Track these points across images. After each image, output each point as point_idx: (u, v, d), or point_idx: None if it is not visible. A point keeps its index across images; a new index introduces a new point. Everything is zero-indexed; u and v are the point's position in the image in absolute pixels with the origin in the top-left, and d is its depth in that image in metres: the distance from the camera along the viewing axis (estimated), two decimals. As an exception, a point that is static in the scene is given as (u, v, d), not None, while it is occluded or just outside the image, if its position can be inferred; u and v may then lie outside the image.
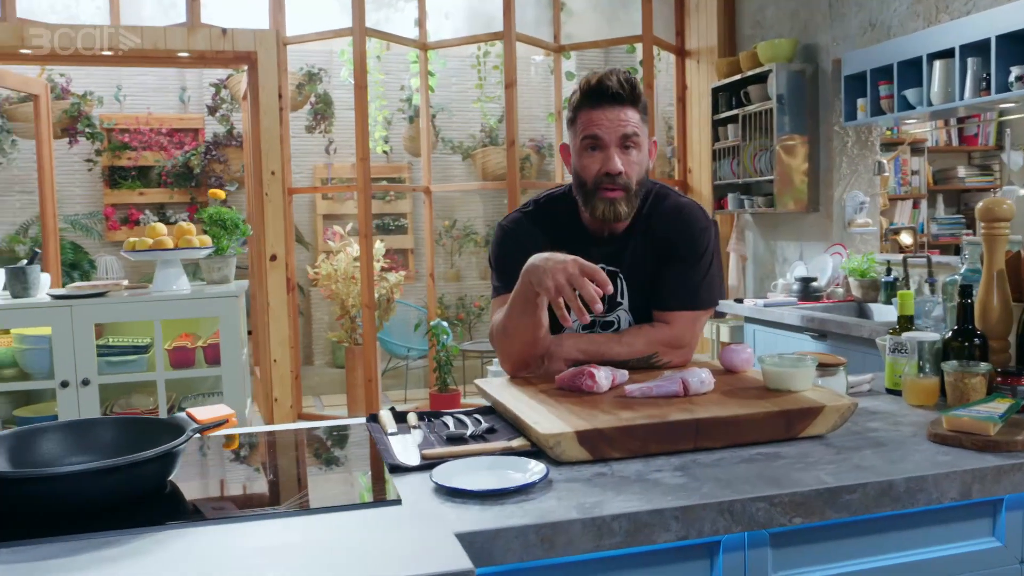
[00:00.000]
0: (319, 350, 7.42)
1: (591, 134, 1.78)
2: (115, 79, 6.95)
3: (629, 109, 1.78)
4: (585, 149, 1.80)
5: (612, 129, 1.77)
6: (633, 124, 1.78)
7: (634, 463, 1.36)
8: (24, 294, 3.18)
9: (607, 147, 1.78)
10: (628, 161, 1.79)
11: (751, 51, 4.65)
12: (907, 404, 1.70)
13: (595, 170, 1.79)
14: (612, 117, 1.76)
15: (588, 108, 1.78)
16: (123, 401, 3.37)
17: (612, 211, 1.79)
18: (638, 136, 1.79)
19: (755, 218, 5.06)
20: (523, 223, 1.92)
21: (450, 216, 7.61)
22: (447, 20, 5.33)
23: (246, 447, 1.60)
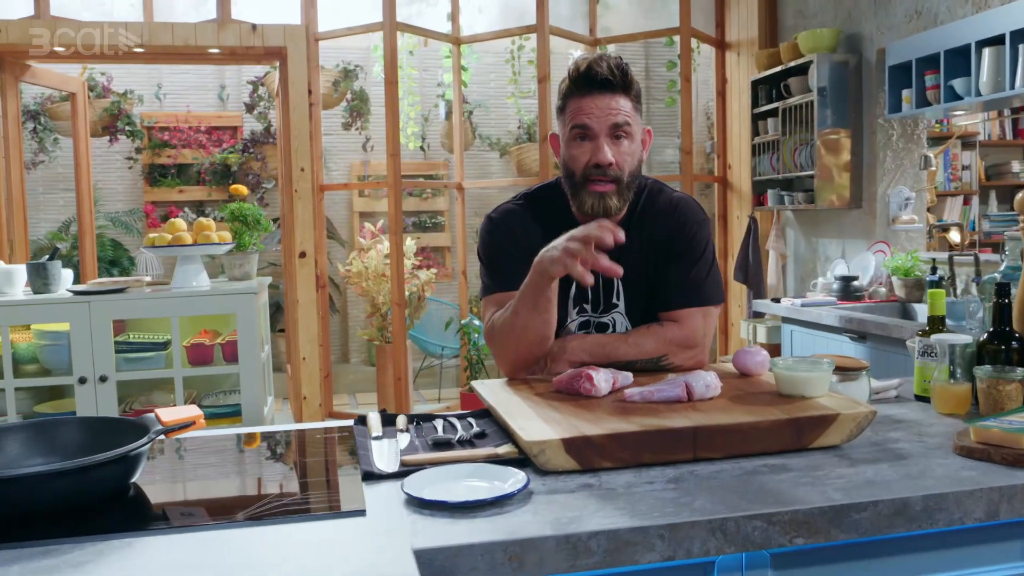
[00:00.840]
0: (355, 348, 7.39)
1: (580, 123, 1.68)
2: (155, 77, 7.00)
3: (620, 97, 1.68)
4: (574, 139, 1.70)
5: (602, 118, 1.66)
6: (624, 112, 1.68)
7: (625, 474, 1.25)
8: (45, 290, 3.17)
9: (596, 137, 1.67)
10: (619, 152, 1.69)
11: (792, 42, 4.48)
12: (936, 413, 1.57)
13: (584, 161, 1.69)
14: (602, 105, 1.66)
15: (577, 96, 1.68)
16: (143, 398, 3.34)
17: (602, 205, 1.69)
18: (630, 125, 1.69)
19: (796, 215, 4.89)
20: (514, 215, 1.82)
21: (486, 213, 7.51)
22: (480, 14, 5.25)
23: (220, 450, 1.53)
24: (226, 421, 3.24)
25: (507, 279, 1.72)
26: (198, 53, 4.63)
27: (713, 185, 5.79)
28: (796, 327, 3.88)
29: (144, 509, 1.21)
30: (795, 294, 4.76)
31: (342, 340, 7.39)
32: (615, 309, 1.78)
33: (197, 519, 1.15)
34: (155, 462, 1.44)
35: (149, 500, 1.24)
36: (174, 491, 1.33)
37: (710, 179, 5.69)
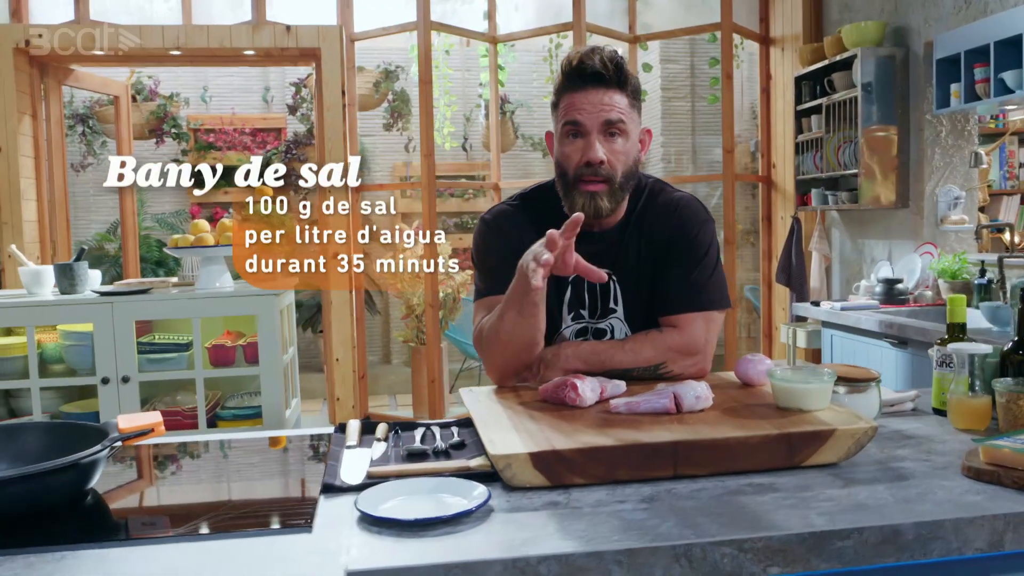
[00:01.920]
0: (396, 349, 7.39)
1: (571, 119, 1.60)
2: (202, 80, 7.09)
3: (615, 92, 1.59)
4: (566, 136, 1.62)
5: (594, 114, 1.58)
6: (619, 109, 1.59)
7: (598, 491, 1.17)
8: (71, 290, 3.19)
9: (588, 134, 1.60)
10: (612, 150, 1.60)
11: (836, 36, 4.32)
12: (953, 428, 1.45)
13: (575, 159, 1.61)
14: (595, 100, 1.58)
15: (569, 91, 1.61)
16: (168, 398, 3.35)
17: (592, 205, 1.61)
18: (624, 123, 1.60)
19: (841, 215, 4.72)
20: (507, 215, 1.74)
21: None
22: (517, 12, 5.19)
23: (187, 457, 1.48)
24: (247, 423, 3.23)
25: (498, 282, 1.64)
26: (233, 55, 4.65)
27: (757, 185, 5.63)
28: (836, 332, 3.73)
29: (95, 519, 1.17)
30: (840, 297, 4.59)
31: (384, 341, 7.40)
32: (613, 314, 1.69)
33: (142, 530, 1.11)
34: (125, 468, 1.40)
35: (104, 509, 1.21)
36: (132, 500, 1.28)
37: (753, 179, 5.54)
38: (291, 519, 1.11)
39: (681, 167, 6.99)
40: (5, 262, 4.37)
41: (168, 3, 4.87)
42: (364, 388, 5.15)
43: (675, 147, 6.98)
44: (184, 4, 4.79)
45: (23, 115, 4.43)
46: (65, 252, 4.84)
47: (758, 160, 5.61)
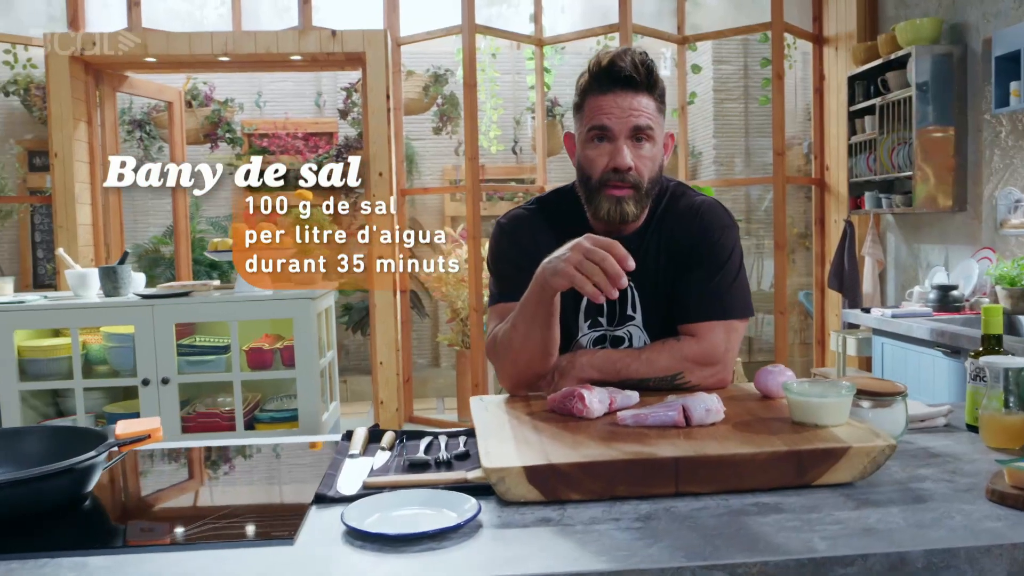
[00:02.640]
0: (445, 352, 7.40)
1: (599, 124, 1.55)
2: (256, 86, 7.20)
3: (644, 96, 1.54)
4: (591, 140, 1.57)
5: (623, 119, 1.53)
6: (647, 114, 1.54)
7: (594, 508, 1.13)
8: (115, 293, 3.25)
9: (616, 139, 1.54)
10: (639, 155, 1.55)
11: (890, 34, 4.19)
12: (986, 446, 1.37)
13: (602, 164, 1.56)
14: (624, 105, 1.53)
15: (596, 93, 1.55)
16: (209, 400, 3.39)
17: (619, 211, 1.56)
18: (652, 129, 1.55)
19: (896, 219, 4.56)
20: (524, 220, 1.70)
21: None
22: (563, 14, 5.15)
23: (185, 461, 1.48)
24: (283, 426, 3.25)
25: (512, 289, 1.60)
26: (280, 60, 4.71)
27: (810, 188, 5.49)
28: (887, 340, 3.60)
29: (86, 525, 1.17)
30: (894, 304, 4.44)
31: (433, 344, 7.41)
32: (631, 322, 1.64)
33: (129, 536, 1.10)
34: (130, 473, 1.40)
35: (97, 514, 1.20)
36: (129, 505, 1.28)
37: (806, 181, 5.41)
38: (276, 530, 1.09)
39: (733, 170, 6.86)
40: (59, 265, 4.49)
41: (219, 11, 4.95)
42: (409, 391, 5.16)
43: (727, 150, 6.86)
44: (234, 11, 4.86)
45: (78, 121, 4.54)
46: (118, 255, 4.95)
47: (811, 162, 5.47)
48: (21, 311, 3.10)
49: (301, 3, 4.70)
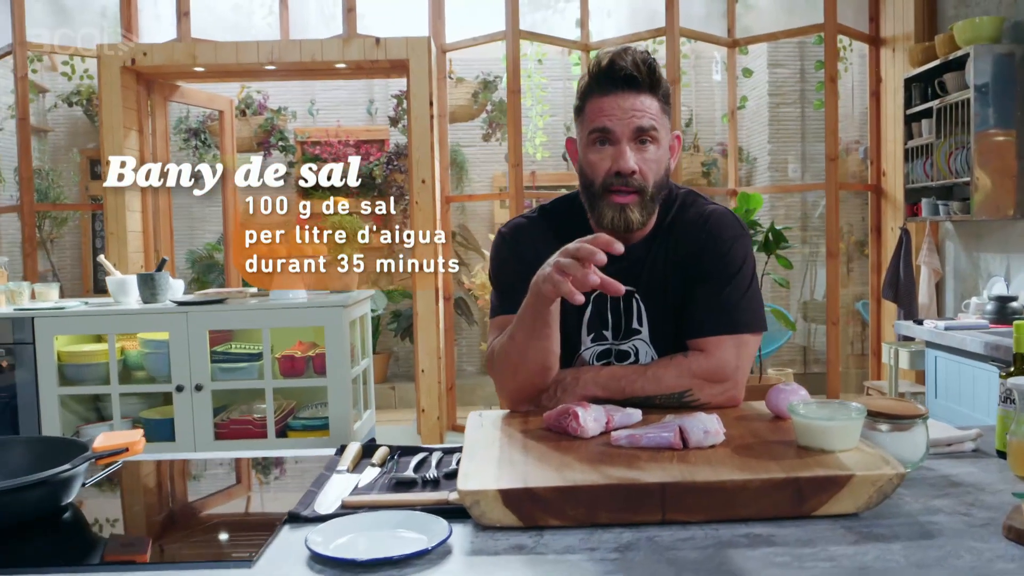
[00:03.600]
0: (495, 360, 7.36)
1: (600, 126, 1.48)
2: (309, 94, 7.27)
3: (646, 96, 1.47)
4: (592, 144, 1.50)
5: (625, 120, 1.46)
6: (651, 115, 1.47)
7: (573, 535, 1.06)
8: (152, 299, 3.29)
9: (618, 141, 1.48)
10: (643, 159, 1.48)
11: (947, 33, 4.02)
12: (1014, 474, 1.27)
13: (604, 168, 1.49)
14: (626, 106, 1.46)
15: (597, 95, 1.48)
16: (245, 407, 3.40)
17: (623, 218, 1.49)
18: (656, 130, 1.48)
19: (955, 227, 4.37)
20: (524, 230, 1.64)
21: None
22: (609, 18, 5.08)
23: (156, 476, 1.45)
24: (315, 434, 3.24)
25: (513, 300, 1.55)
26: (325, 68, 4.73)
27: (866, 194, 5.30)
28: (940, 353, 3.44)
29: (59, 540, 1.15)
30: (952, 316, 4.25)
31: (481, 351, 7.38)
32: (637, 336, 1.57)
33: (104, 553, 1.08)
34: (129, 484, 1.38)
35: (71, 528, 1.19)
36: (106, 518, 1.26)
37: (861, 187, 5.23)
38: (240, 551, 1.05)
39: (789, 176, 6.68)
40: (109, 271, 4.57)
41: (267, 20, 5.00)
42: (452, 399, 5.13)
43: (783, 155, 6.69)
44: (281, 21, 4.91)
45: (129, 130, 4.63)
46: (169, 261, 5.03)
47: (867, 168, 5.29)
48: (61, 317, 3.16)
49: (345, 11, 4.73)
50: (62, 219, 6.49)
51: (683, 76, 5.97)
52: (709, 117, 6.83)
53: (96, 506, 1.27)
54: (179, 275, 7.05)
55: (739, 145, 7.05)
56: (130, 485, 1.39)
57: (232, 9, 5.00)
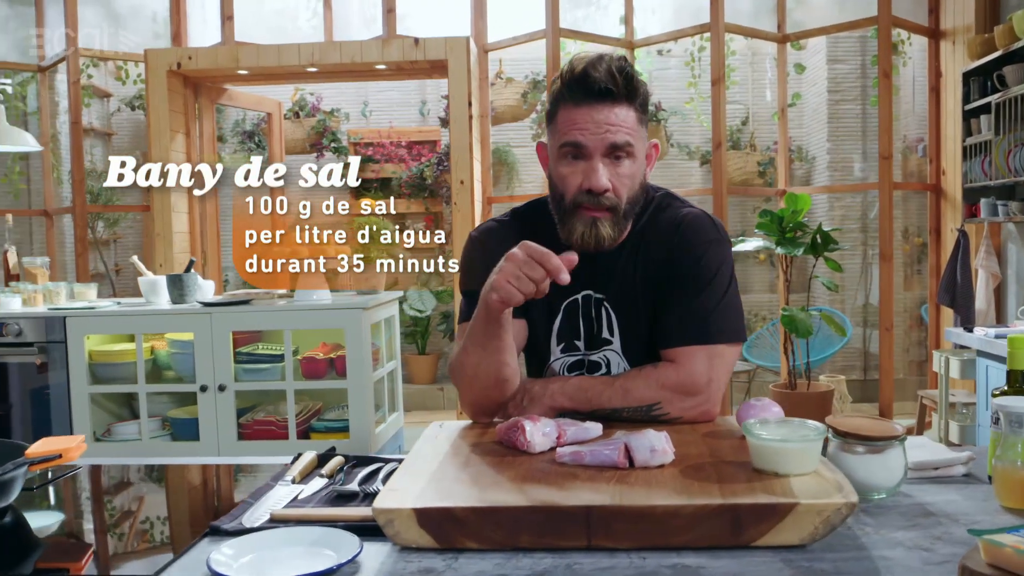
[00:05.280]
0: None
1: (571, 140, 1.39)
2: (363, 96, 7.32)
3: (622, 107, 1.38)
4: (564, 157, 1.42)
5: (598, 135, 1.38)
6: (626, 129, 1.38)
7: (489, 559, 1.00)
8: (180, 300, 3.33)
9: (591, 157, 1.39)
10: (617, 174, 1.40)
11: (1007, 24, 3.80)
12: (1000, 504, 1.15)
13: (575, 184, 1.41)
14: (599, 119, 1.37)
15: (570, 104, 1.40)
16: (271, 408, 3.41)
17: (593, 235, 1.41)
18: (631, 144, 1.40)
19: (1018, 228, 4.14)
20: (494, 233, 1.57)
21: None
22: (653, 15, 4.96)
23: (115, 481, 1.44)
24: (337, 436, 3.23)
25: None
26: (366, 70, 4.74)
27: (925, 194, 5.07)
28: (992, 363, 3.25)
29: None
30: (1010, 322, 4.02)
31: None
32: (608, 346, 1.49)
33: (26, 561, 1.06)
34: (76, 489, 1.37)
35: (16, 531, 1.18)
36: (32, 528, 1.24)
37: (918, 187, 5.01)
38: (147, 567, 1.02)
39: (849, 175, 6.45)
40: (156, 271, 4.67)
41: (311, 22, 5.04)
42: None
43: (842, 153, 6.45)
44: (325, 23, 4.94)
45: (176, 133, 4.72)
46: (215, 262, 5.12)
47: (925, 166, 5.06)
48: (91, 317, 3.22)
49: (385, 12, 4.73)
50: (114, 220, 6.67)
51: (732, 73, 5.82)
52: (767, 115, 6.63)
53: (36, 512, 1.26)
54: (230, 276, 7.18)
55: (798, 144, 6.85)
56: (74, 492, 1.37)
57: (276, 12, 5.05)
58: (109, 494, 1.39)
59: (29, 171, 6.19)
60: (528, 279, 1.25)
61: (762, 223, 4.42)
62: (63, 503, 1.34)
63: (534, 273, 1.24)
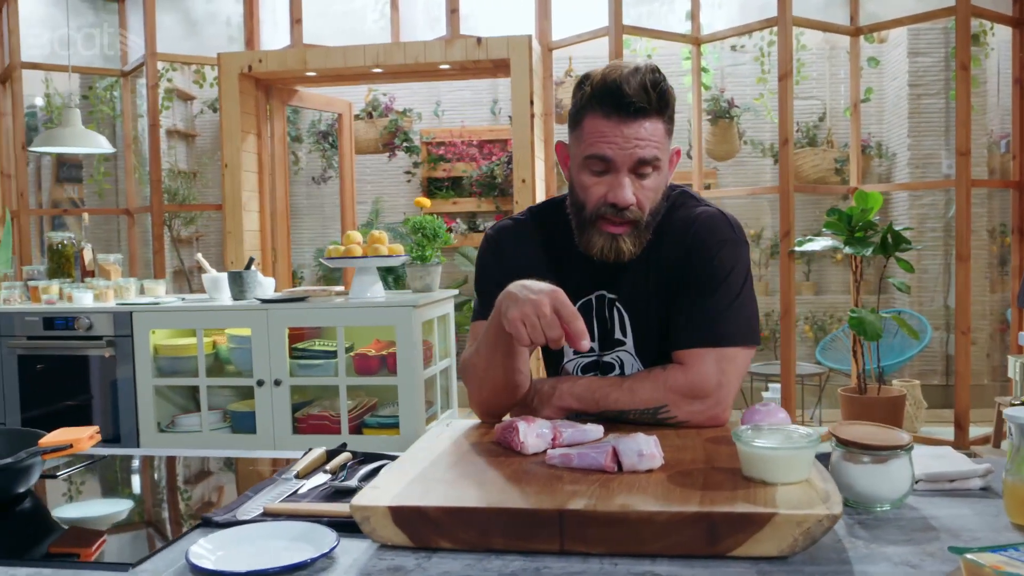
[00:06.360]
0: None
1: (599, 153, 1.37)
2: (435, 95, 7.40)
3: (652, 121, 1.35)
4: (588, 167, 1.39)
5: (627, 150, 1.35)
6: (654, 143, 1.35)
7: (460, 560, 1.00)
8: (240, 296, 3.42)
9: (617, 171, 1.37)
10: (642, 187, 1.38)
11: (1094, 12, 3.59)
12: (1010, 521, 1.09)
13: (598, 195, 1.39)
14: (629, 135, 1.34)
15: (598, 115, 1.36)
16: (327, 403, 3.48)
17: (613, 249, 1.40)
18: (659, 160, 1.37)
19: (1106, 228, 3.91)
20: (509, 233, 1.56)
21: (757, 225, 6.98)
22: (720, 9, 4.86)
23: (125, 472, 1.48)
24: (388, 432, 3.27)
25: (492, 306, 1.49)
26: (430, 70, 4.79)
27: (1008, 192, 4.83)
28: (1068, 370, 3.07)
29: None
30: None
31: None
32: (621, 347, 1.47)
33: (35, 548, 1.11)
34: (87, 479, 1.43)
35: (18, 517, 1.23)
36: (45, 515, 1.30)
37: (999, 184, 4.79)
38: (126, 556, 1.05)
39: (929, 171, 6.20)
40: (228, 268, 4.81)
41: (379, 23, 5.11)
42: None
43: (924, 149, 6.20)
44: (392, 23, 5.01)
45: (247, 134, 4.85)
46: (285, 260, 5.25)
47: (1009, 164, 4.82)
48: (155, 312, 3.34)
49: (448, 12, 4.76)
50: (189, 218, 6.90)
51: (804, 68, 5.66)
52: (837, 110, 6.44)
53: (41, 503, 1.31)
54: (305, 273, 7.34)
55: (877, 140, 6.62)
56: (82, 482, 1.43)
57: (344, 14, 5.14)
58: (152, 483, 1.44)
59: (116, 171, 6.45)
60: (542, 333, 1.22)
61: (830, 222, 4.29)
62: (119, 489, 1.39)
63: (552, 332, 1.21)
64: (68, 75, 4.60)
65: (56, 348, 3.44)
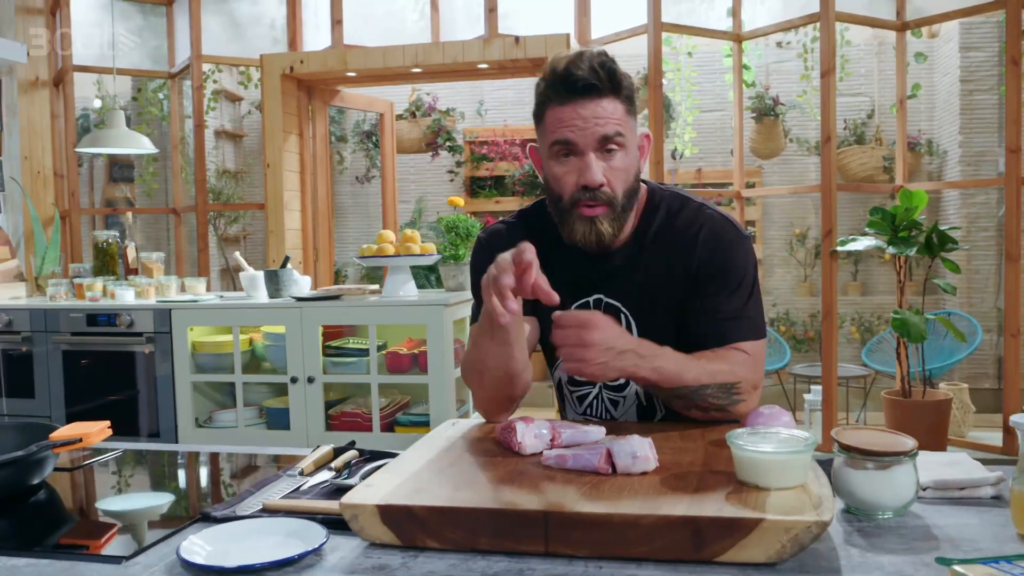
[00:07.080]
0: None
1: (561, 138, 1.39)
2: (478, 95, 7.42)
3: (608, 100, 1.37)
4: (556, 156, 1.42)
5: (587, 130, 1.37)
6: (614, 120, 1.37)
7: (446, 560, 1.00)
8: (276, 294, 3.47)
9: (583, 153, 1.38)
10: (610, 168, 1.39)
11: None
12: (1016, 531, 1.06)
13: (570, 182, 1.40)
14: (586, 114, 1.36)
15: (556, 103, 1.39)
16: (361, 400, 3.51)
17: (593, 232, 1.40)
18: (622, 135, 1.38)
19: None
20: (500, 235, 1.58)
21: (802, 224, 6.86)
22: (761, 6, 4.78)
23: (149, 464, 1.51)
24: (419, 430, 3.29)
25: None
26: (468, 69, 4.80)
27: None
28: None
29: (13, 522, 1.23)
30: None
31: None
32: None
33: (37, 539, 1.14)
34: (102, 472, 1.46)
35: (28, 510, 1.26)
36: (69, 503, 1.33)
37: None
38: (121, 549, 1.07)
39: (983, 169, 6.03)
40: (271, 266, 4.88)
41: (419, 24, 5.14)
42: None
43: (976, 147, 6.04)
44: (432, 23, 5.03)
45: (288, 134, 4.92)
46: (327, 258, 5.31)
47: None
48: (193, 309, 3.40)
49: (487, 12, 4.77)
50: (233, 218, 7.01)
51: (848, 64, 5.55)
52: (887, 107, 6.30)
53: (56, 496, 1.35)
54: (349, 271, 7.41)
55: (928, 137, 6.46)
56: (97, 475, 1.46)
57: (385, 15, 5.17)
58: (167, 478, 1.47)
59: (165, 171, 6.59)
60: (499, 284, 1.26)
61: (873, 221, 4.20)
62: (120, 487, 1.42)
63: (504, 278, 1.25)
64: (113, 77, 4.71)
65: (99, 344, 3.53)
